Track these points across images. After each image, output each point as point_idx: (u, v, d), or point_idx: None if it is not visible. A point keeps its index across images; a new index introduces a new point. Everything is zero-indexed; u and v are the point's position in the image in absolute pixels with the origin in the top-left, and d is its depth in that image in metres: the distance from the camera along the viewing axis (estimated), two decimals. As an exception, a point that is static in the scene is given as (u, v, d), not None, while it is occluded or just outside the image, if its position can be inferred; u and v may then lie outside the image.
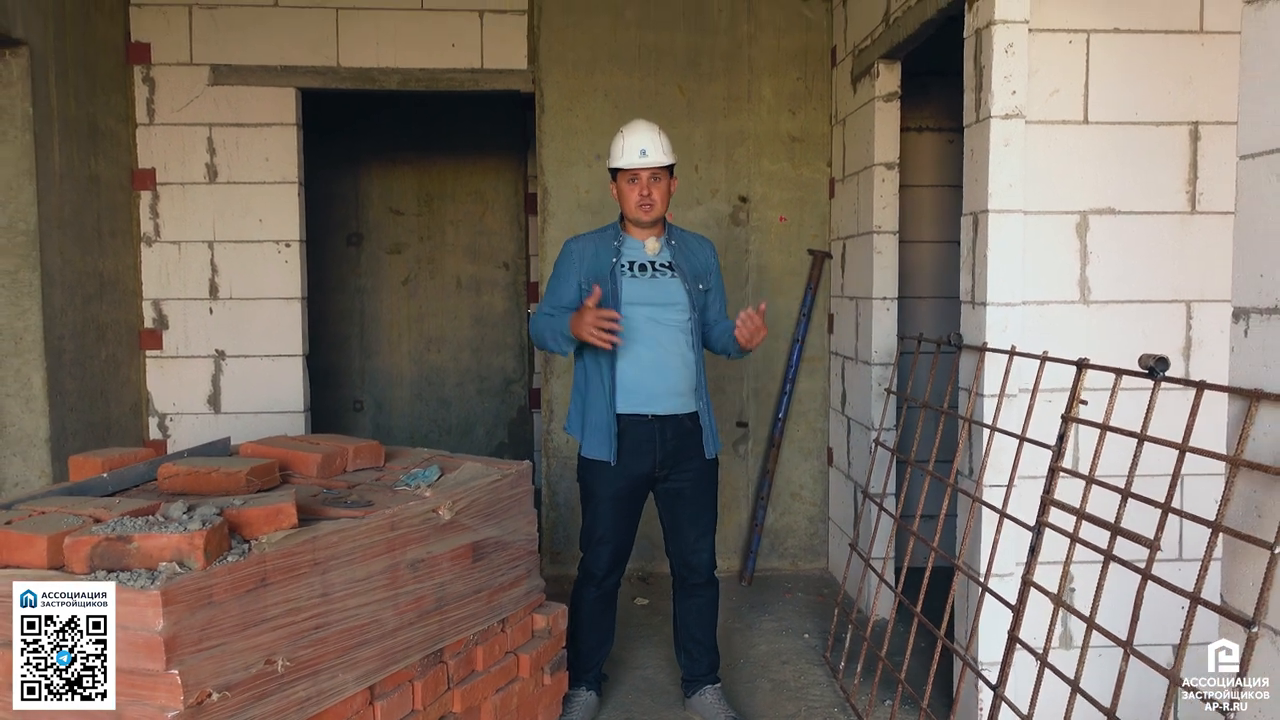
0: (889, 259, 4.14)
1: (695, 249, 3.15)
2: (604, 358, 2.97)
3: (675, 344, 3.00)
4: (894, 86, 4.05)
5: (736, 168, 4.75)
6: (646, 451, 3.00)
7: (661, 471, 3.04)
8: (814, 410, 4.86)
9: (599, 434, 3.00)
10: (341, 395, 6.75)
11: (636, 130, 3.01)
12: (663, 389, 2.98)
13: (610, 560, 3.10)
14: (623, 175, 3.00)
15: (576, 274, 3.03)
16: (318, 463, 2.57)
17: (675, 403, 3.01)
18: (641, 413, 2.99)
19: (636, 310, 2.96)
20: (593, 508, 3.09)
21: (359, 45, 4.57)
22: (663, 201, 3.02)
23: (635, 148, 2.97)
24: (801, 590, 4.62)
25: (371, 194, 6.69)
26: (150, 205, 4.58)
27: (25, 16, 3.71)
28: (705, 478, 3.13)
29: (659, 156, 2.98)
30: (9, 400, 3.86)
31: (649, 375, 2.97)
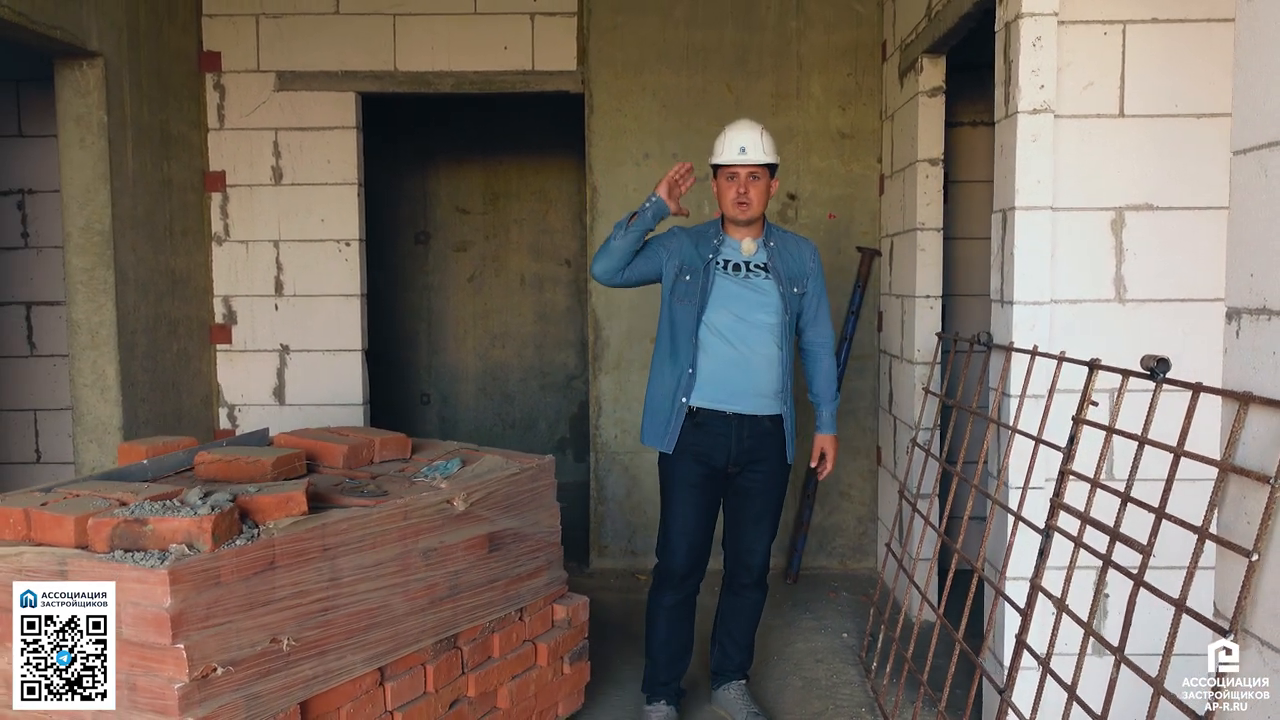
0: (932, 256, 4.08)
1: (794, 251, 3.09)
2: (685, 346, 2.96)
3: (762, 345, 2.96)
4: (937, 81, 3.99)
5: (785, 165, 4.72)
6: (721, 447, 2.97)
7: (734, 469, 3.02)
8: (863, 409, 4.82)
9: (656, 420, 3.01)
10: (410, 389, 6.97)
11: (739, 128, 2.99)
12: (745, 388, 2.95)
13: (688, 555, 3.04)
14: (722, 172, 2.99)
15: (668, 250, 3.00)
16: (344, 454, 2.69)
17: (757, 403, 2.98)
18: (720, 409, 2.96)
19: (726, 309, 2.95)
20: (668, 500, 3.06)
21: (415, 50, 4.72)
22: (760, 201, 2.98)
23: (735, 145, 2.95)
24: (847, 590, 4.59)
25: (439, 193, 6.88)
26: (221, 206, 4.81)
27: (100, 30, 3.95)
28: (776, 480, 3.09)
29: (758, 155, 2.95)
30: (86, 390, 4.11)
31: (732, 373, 2.94)
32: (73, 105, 4.01)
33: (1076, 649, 2.18)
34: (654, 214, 2.91)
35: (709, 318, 2.94)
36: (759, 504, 3.08)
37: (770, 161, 2.98)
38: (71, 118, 4.01)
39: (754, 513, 3.08)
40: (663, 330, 3.04)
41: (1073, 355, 2.66)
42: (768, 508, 3.10)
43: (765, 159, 2.97)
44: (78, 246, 4.06)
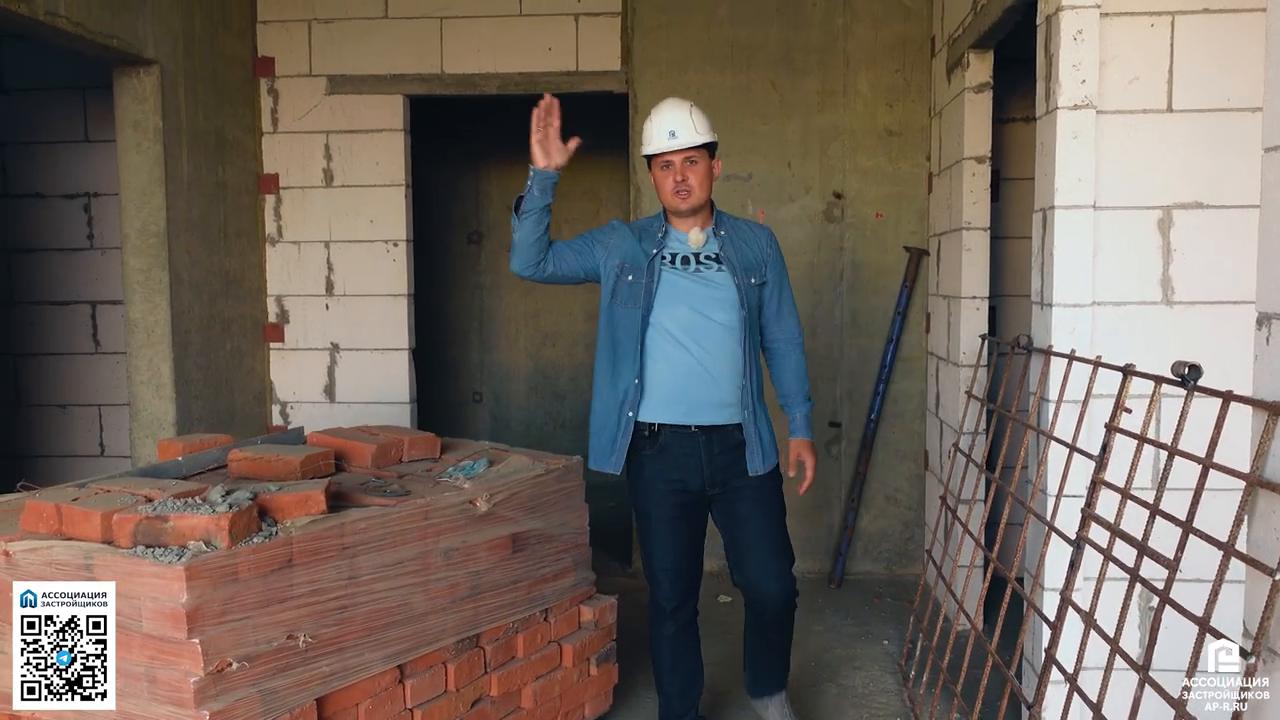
0: (978, 257, 3.98)
1: (748, 238, 2.76)
2: (629, 354, 2.65)
3: (723, 346, 2.65)
4: (984, 77, 3.89)
5: (831, 163, 4.67)
6: (693, 469, 2.67)
7: (713, 489, 2.71)
8: (910, 412, 4.73)
9: (601, 439, 2.70)
10: (462, 387, 7.05)
11: (665, 109, 2.67)
12: (708, 398, 2.64)
13: (675, 589, 2.75)
14: (655, 162, 2.67)
15: (606, 247, 2.71)
16: (372, 453, 2.73)
17: (723, 413, 2.67)
18: (684, 424, 2.65)
19: (678, 307, 2.64)
20: (646, 533, 2.76)
21: (461, 52, 4.77)
22: (702, 187, 2.64)
23: (663, 130, 2.62)
24: (891, 596, 4.51)
25: (491, 193, 6.94)
26: (274, 208, 4.93)
27: (156, 38, 4.07)
28: (764, 495, 2.73)
29: (690, 136, 2.61)
30: (142, 387, 4.25)
31: (690, 381, 2.63)
32: (130, 111, 4.14)
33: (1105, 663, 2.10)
34: (540, 186, 2.59)
35: (657, 318, 2.63)
36: (753, 528, 2.73)
37: (706, 141, 2.64)
38: (129, 123, 4.14)
39: (751, 539, 2.74)
40: (602, 339, 2.73)
41: (1116, 360, 2.57)
42: (765, 530, 2.73)
43: (700, 139, 2.62)
44: (135, 248, 4.19)
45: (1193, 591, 2.13)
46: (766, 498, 2.76)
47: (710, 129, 2.68)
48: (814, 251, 4.68)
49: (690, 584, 2.80)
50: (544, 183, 2.60)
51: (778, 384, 2.89)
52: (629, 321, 2.65)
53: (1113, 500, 2.19)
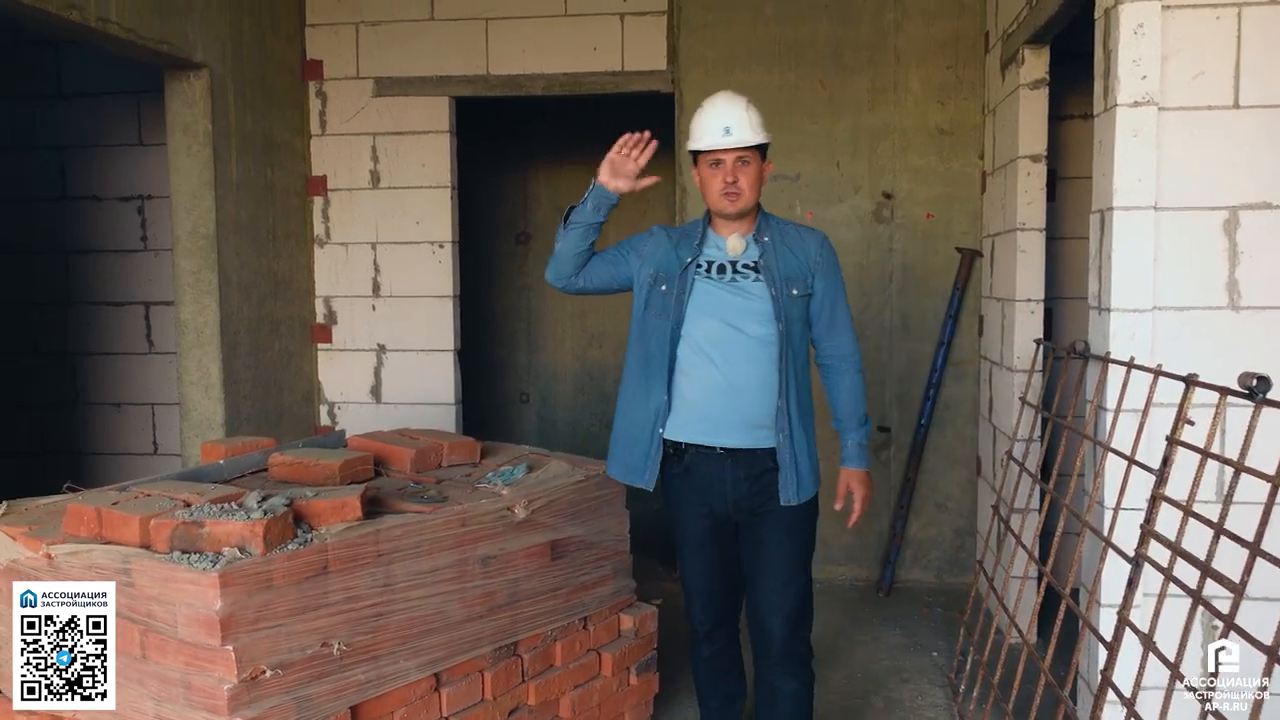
0: (1033, 258, 3.86)
1: (795, 245, 2.54)
2: (659, 368, 2.50)
3: (753, 363, 2.45)
4: (1040, 73, 3.76)
5: (880, 163, 4.57)
6: (716, 492, 2.50)
7: (738, 516, 2.53)
8: (962, 417, 4.62)
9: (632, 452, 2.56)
10: (509, 388, 7.05)
11: (720, 104, 2.50)
12: (731, 417, 2.46)
13: (707, 612, 2.63)
14: (703, 159, 2.49)
15: (640, 255, 2.59)
16: (411, 458, 2.72)
17: (751, 435, 2.47)
18: (708, 444, 2.48)
19: (708, 319, 2.47)
20: (679, 553, 2.65)
21: (506, 53, 4.75)
22: (752, 189, 2.47)
23: (717, 125, 2.45)
24: (942, 605, 4.40)
25: (539, 194, 6.93)
26: (322, 210, 4.96)
27: (205, 43, 4.11)
28: (790, 524, 2.51)
29: (745, 134, 2.43)
30: (192, 388, 4.30)
31: (715, 398, 2.45)
32: (180, 115, 4.19)
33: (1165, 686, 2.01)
34: (595, 203, 2.50)
35: (687, 331, 2.47)
36: (771, 557, 2.51)
37: (761, 141, 2.47)
38: (179, 127, 4.19)
39: (766, 568, 2.53)
40: (633, 350, 2.60)
41: (1179, 367, 2.46)
42: (783, 562, 2.51)
43: (755, 138, 2.45)
44: (185, 250, 4.25)
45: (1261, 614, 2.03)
46: (791, 527, 2.52)
47: (765, 129, 2.52)
48: (863, 253, 4.59)
49: (725, 608, 2.66)
50: (600, 200, 2.52)
51: (831, 406, 2.64)
52: (659, 334, 2.51)
53: (1174, 516, 2.09)
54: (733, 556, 2.60)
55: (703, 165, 2.51)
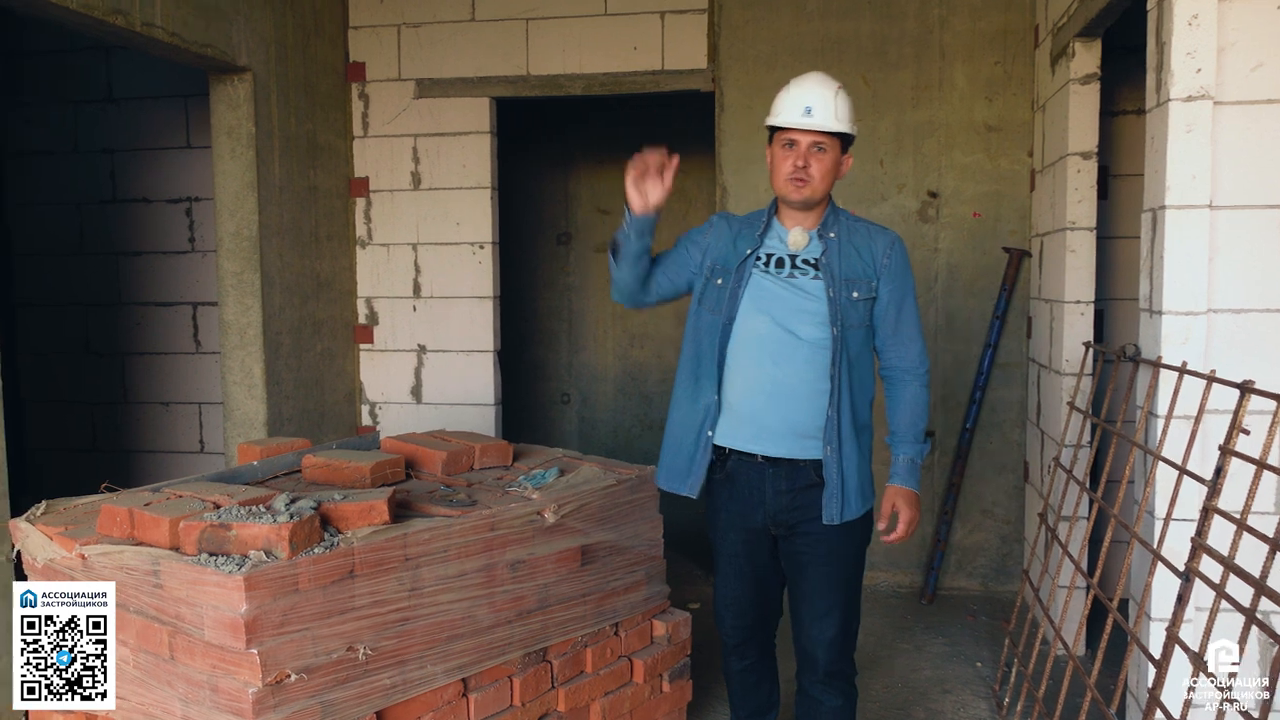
0: (1083, 259, 3.74)
1: (862, 244, 2.36)
2: (710, 367, 2.37)
3: (806, 366, 2.30)
4: (1091, 67, 3.65)
5: (925, 161, 4.48)
6: (755, 503, 2.37)
7: (777, 530, 2.39)
8: (1009, 421, 4.50)
9: (678, 457, 2.43)
10: (550, 388, 7.06)
11: (804, 83, 2.31)
12: (776, 424, 2.31)
13: (738, 629, 2.51)
14: (778, 138, 2.32)
15: (700, 247, 2.45)
16: (442, 460, 2.70)
17: (795, 445, 2.32)
18: (749, 451, 2.35)
19: (760, 317, 2.32)
20: (715, 561, 2.53)
21: (546, 53, 4.74)
22: (823, 180, 2.29)
23: (798, 103, 2.27)
24: (986, 614, 4.30)
25: (580, 195, 6.93)
26: (364, 211, 4.99)
27: (249, 47, 4.16)
28: (835, 546, 2.36)
29: (827, 119, 2.26)
30: (235, 388, 4.35)
31: (761, 402, 2.31)
32: (224, 118, 4.24)
33: (1216, 704, 1.92)
34: (637, 230, 2.35)
35: (739, 328, 2.33)
36: (811, 580, 2.39)
37: (843, 130, 2.30)
38: (223, 130, 4.24)
39: (807, 591, 2.41)
40: (686, 349, 2.47)
41: (1234, 374, 2.36)
42: (824, 586, 2.38)
43: (836, 126, 2.27)
44: (228, 251, 4.30)
45: (1319, 633, 1.93)
46: (834, 550, 2.36)
47: (852, 120, 2.34)
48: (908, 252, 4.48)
49: (756, 623, 2.53)
50: (642, 227, 2.36)
51: (889, 417, 2.45)
52: (711, 330, 2.38)
53: (1227, 530, 1.99)
54: (769, 571, 2.47)
55: (776, 144, 2.34)
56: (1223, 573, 1.93)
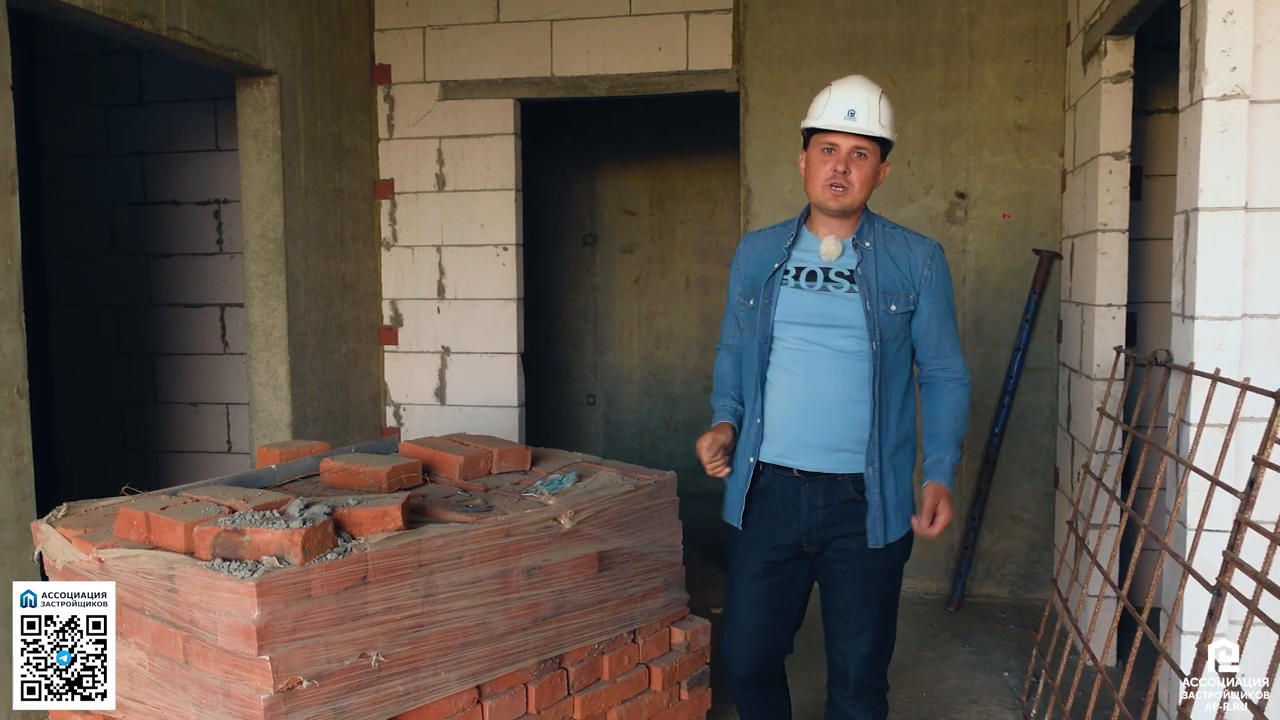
0: (1115, 261, 3.67)
1: (900, 254, 2.26)
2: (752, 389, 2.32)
3: (842, 380, 2.22)
4: (1124, 66, 3.57)
5: (953, 161, 4.41)
6: (790, 519, 2.27)
7: (811, 547, 2.30)
8: (1039, 426, 4.42)
9: (734, 489, 2.34)
10: (575, 389, 7.05)
11: (847, 86, 2.24)
12: (813, 437, 2.24)
13: (747, 663, 2.37)
14: (817, 141, 2.23)
15: (738, 281, 2.39)
16: (460, 465, 2.69)
17: (830, 459, 2.24)
18: (784, 465, 2.27)
19: (792, 331, 2.26)
20: (730, 582, 2.41)
21: (571, 55, 4.72)
22: (862, 188, 2.20)
23: (841, 106, 2.19)
24: (1015, 622, 4.22)
25: (606, 196, 6.91)
26: (389, 213, 5.01)
27: (275, 50, 4.18)
28: (870, 566, 2.27)
29: (870, 124, 2.18)
30: (261, 389, 4.38)
31: (796, 416, 2.25)
32: (251, 121, 4.26)
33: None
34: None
35: (776, 345, 2.27)
36: (846, 597, 2.31)
37: (885, 136, 2.22)
38: (249, 133, 4.27)
39: (840, 607, 2.33)
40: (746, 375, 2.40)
41: (1271, 380, 2.30)
42: (858, 603, 2.30)
43: (880, 131, 2.20)
44: (254, 253, 4.32)
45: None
46: (870, 569, 2.27)
47: (894, 126, 2.28)
48: (934, 255, 4.43)
49: (766, 655, 2.38)
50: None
51: (928, 421, 2.34)
52: (750, 351, 2.32)
53: (1260, 543, 1.93)
54: (790, 595, 2.36)
55: (814, 148, 2.24)
56: (1255, 589, 1.86)
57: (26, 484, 3.01)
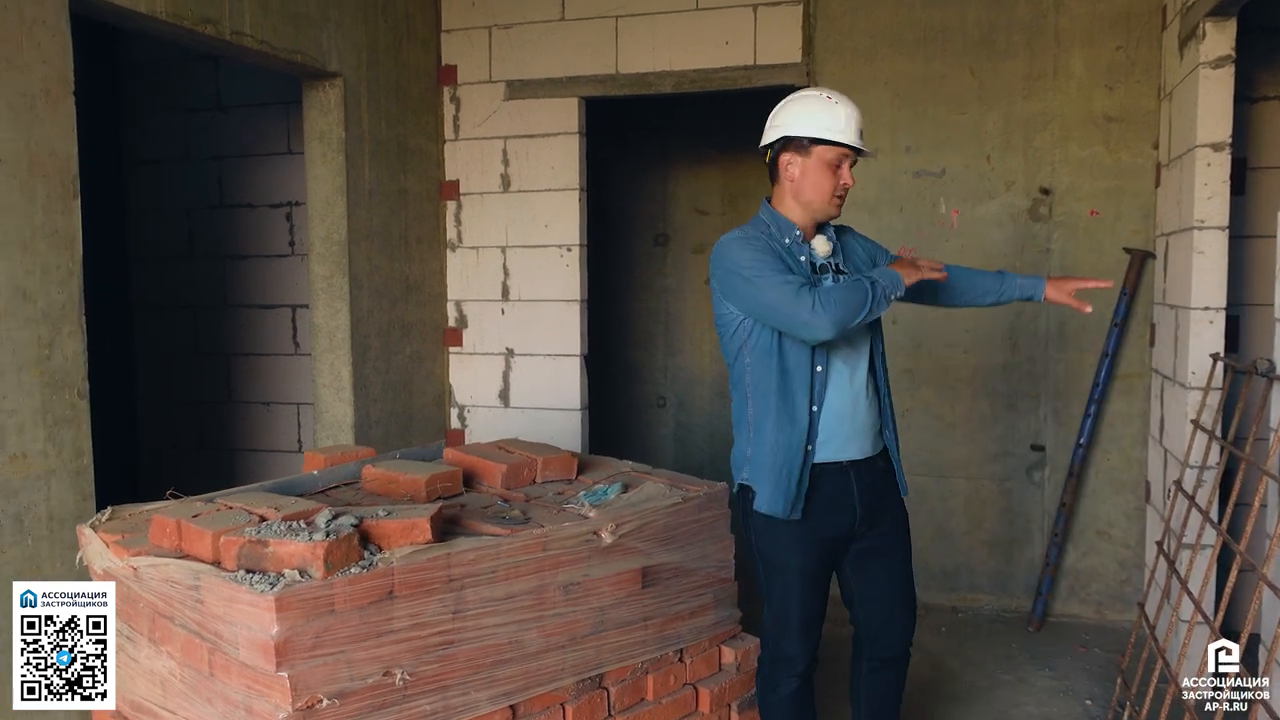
0: (1212, 261, 3.39)
1: (849, 243, 2.52)
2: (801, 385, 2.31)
3: (865, 365, 2.40)
4: (1224, 49, 3.30)
5: (1037, 155, 4.16)
6: (845, 510, 2.37)
7: (861, 528, 2.41)
8: (1129, 436, 4.15)
9: (779, 478, 2.33)
10: (646, 391, 6.94)
11: (848, 105, 2.34)
12: (855, 426, 2.37)
13: (806, 647, 2.45)
14: (824, 151, 2.32)
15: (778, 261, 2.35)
16: (502, 473, 2.62)
17: (867, 443, 2.40)
18: (835, 460, 2.36)
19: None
20: (780, 585, 2.42)
21: (636, 51, 4.62)
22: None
23: (854, 124, 2.32)
24: (1100, 646, 3.96)
25: (678, 195, 6.78)
26: (455, 214, 4.99)
27: (340, 52, 4.18)
28: (903, 527, 2.53)
29: (866, 142, 2.42)
30: (324, 390, 4.40)
31: (847, 409, 2.35)
32: (316, 123, 4.28)
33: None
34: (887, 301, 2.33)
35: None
36: (892, 561, 2.48)
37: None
38: (315, 135, 4.29)
39: (886, 573, 2.48)
40: (761, 380, 2.34)
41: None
42: (904, 561, 2.51)
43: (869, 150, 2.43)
44: (319, 255, 4.34)
45: None
46: (904, 534, 2.53)
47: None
48: (1015, 254, 4.20)
49: (817, 639, 2.50)
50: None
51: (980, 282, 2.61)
52: (795, 351, 2.32)
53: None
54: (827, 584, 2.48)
55: (819, 157, 2.33)
56: (1362, 632, 1.65)
57: (87, 484, 3.05)
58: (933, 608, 4.30)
